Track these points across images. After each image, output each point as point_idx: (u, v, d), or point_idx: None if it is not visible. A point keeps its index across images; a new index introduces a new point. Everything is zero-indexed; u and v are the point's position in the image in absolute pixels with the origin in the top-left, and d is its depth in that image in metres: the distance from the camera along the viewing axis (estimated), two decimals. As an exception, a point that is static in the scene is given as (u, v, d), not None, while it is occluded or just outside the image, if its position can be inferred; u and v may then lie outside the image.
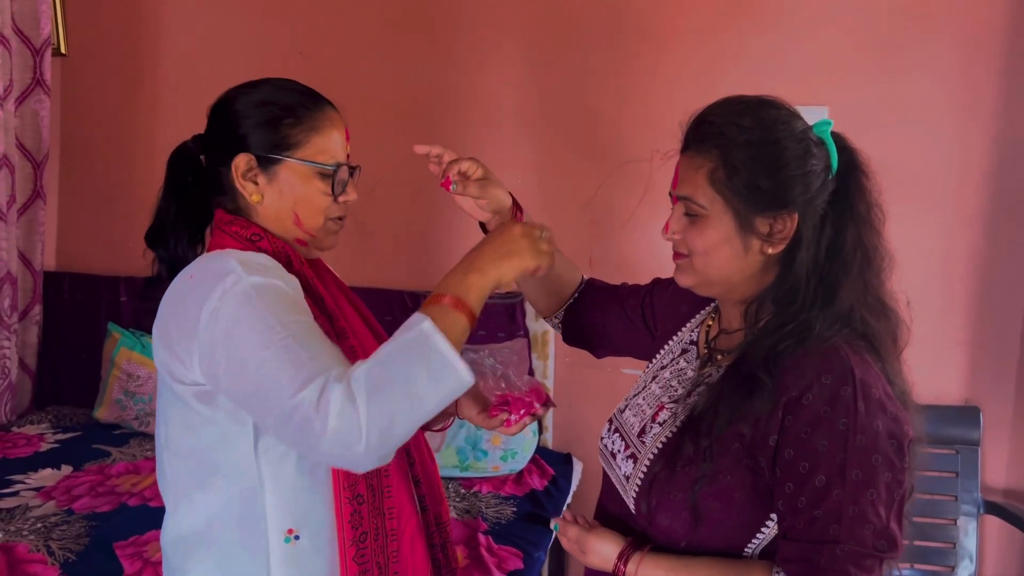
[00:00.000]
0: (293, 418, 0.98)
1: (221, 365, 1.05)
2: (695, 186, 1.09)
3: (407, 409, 0.98)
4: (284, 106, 1.19)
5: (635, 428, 1.21)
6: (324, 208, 1.21)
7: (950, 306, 2.51)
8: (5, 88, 2.74)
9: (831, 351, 1.03)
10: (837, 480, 0.99)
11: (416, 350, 1.00)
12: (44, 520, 2.19)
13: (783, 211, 1.07)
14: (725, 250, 1.09)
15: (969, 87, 2.43)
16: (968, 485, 2.37)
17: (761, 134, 1.06)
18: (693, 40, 2.58)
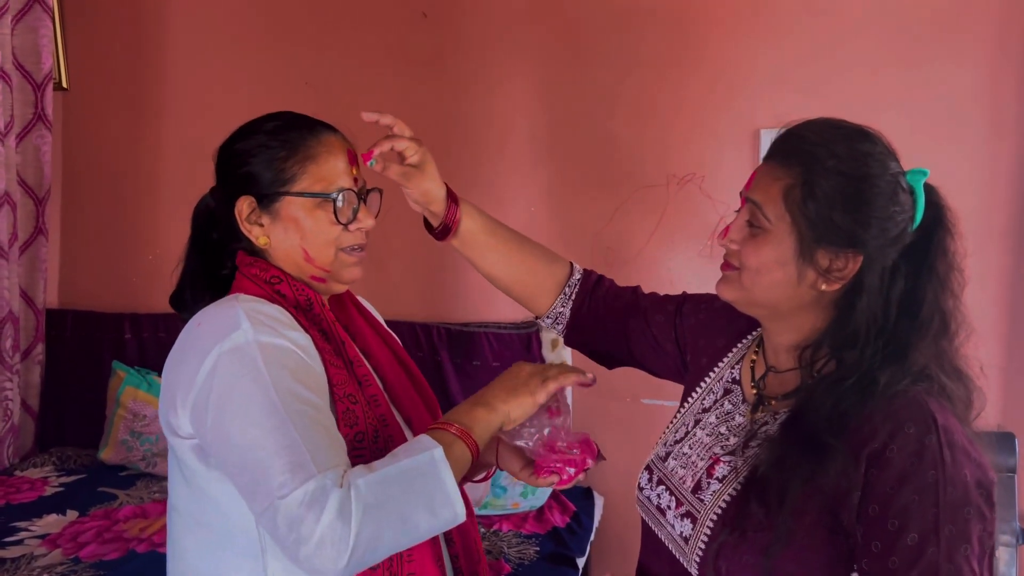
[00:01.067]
0: (279, 514, 0.94)
1: (209, 430, 1.01)
2: (768, 197, 1.05)
3: (397, 534, 0.97)
4: (279, 139, 1.15)
5: (687, 483, 1.14)
6: (333, 239, 1.16)
7: (982, 329, 2.42)
8: (6, 124, 2.72)
9: (909, 398, 0.98)
10: (931, 537, 0.93)
11: (421, 479, 0.99)
12: (51, 570, 2.12)
13: (849, 250, 1.02)
14: (778, 273, 1.05)
15: (996, 104, 2.39)
16: (1005, 515, 2.29)
17: (852, 166, 1.02)
18: (708, 64, 2.55)
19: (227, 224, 1.18)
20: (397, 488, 0.97)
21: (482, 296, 2.78)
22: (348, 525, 0.92)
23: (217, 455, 1.03)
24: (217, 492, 1.07)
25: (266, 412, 0.98)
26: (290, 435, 0.96)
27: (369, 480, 0.96)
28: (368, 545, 0.94)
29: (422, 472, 0.98)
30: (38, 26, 2.81)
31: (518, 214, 2.71)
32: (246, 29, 2.90)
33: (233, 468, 1.00)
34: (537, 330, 2.68)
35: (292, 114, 1.20)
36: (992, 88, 2.39)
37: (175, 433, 1.07)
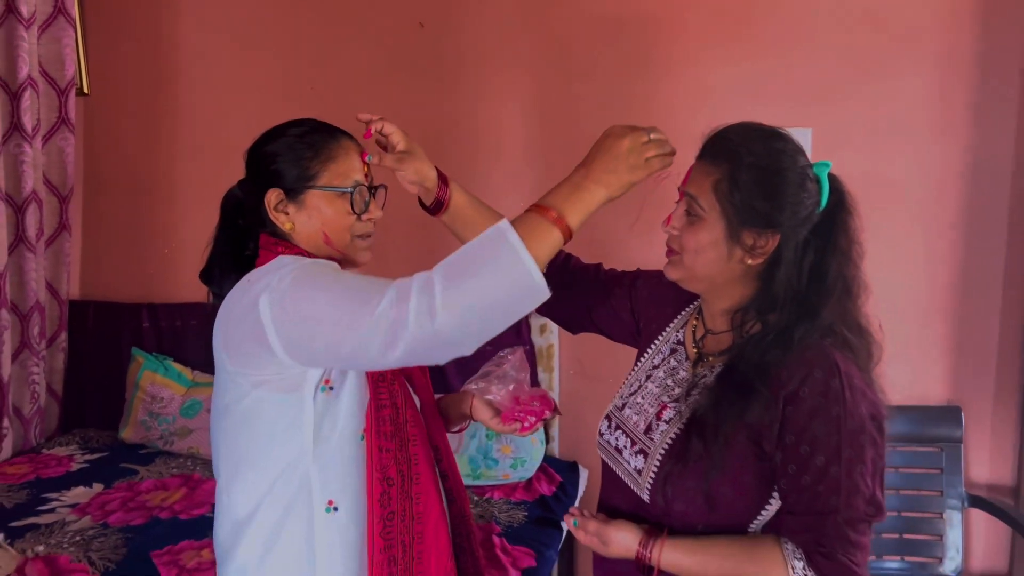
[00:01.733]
0: (374, 327, 1.10)
1: (290, 330, 1.18)
2: (700, 190, 1.25)
3: (479, 296, 1.08)
4: (304, 143, 1.36)
5: (640, 426, 1.35)
6: (349, 226, 1.36)
7: (934, 312, 2.66)
8: (33, 127, 2.88)
9: (817, 349, 1.19)
10: (834, 459, 1.15)
11: (489, 245, 1.10)
12: (82, 533, 2.31)
13: (768, 230, 1.23)
14: (711, 252, 1.25)
15: (945, 103, 2.60)
16: (953, 481, 2.51)
17: (767, 161, 1.22)
18: (688, 70, 2.74)
19: (254, 212, 1.38)
20: (465, 256, 1.11)
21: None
22: (432, 295, 1.07)
23: (299, 346, 1.19)
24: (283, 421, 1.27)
25: (329, 282, 1.18)
26: (359, 281, 1.16)
27: (443, 263, 1.12)
28: (454, 306, 1.07)
29: (489, 240, 1.11)
30: (62, 36, 2.96)
31: (509, 210, 2.89)
32: (255, 39, 3.06)
33: (318, 334, 1.16)
34: (526, 317, 2.88)
35: (315, 121, 1.40)
36: (941, 93, 2.59)
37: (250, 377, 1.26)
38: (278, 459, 1.28)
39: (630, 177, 1.20)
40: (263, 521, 1.30)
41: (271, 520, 1.29)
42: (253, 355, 1.24)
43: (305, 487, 1.27)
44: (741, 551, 1.21)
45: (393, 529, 1.30)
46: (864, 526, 1.16)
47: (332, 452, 1.28)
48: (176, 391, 3.02)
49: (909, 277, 2.66)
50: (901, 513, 2.53)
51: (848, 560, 1.14)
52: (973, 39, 2.56)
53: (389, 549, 1.29)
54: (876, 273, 2.62)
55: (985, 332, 2.63)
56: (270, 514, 1.29)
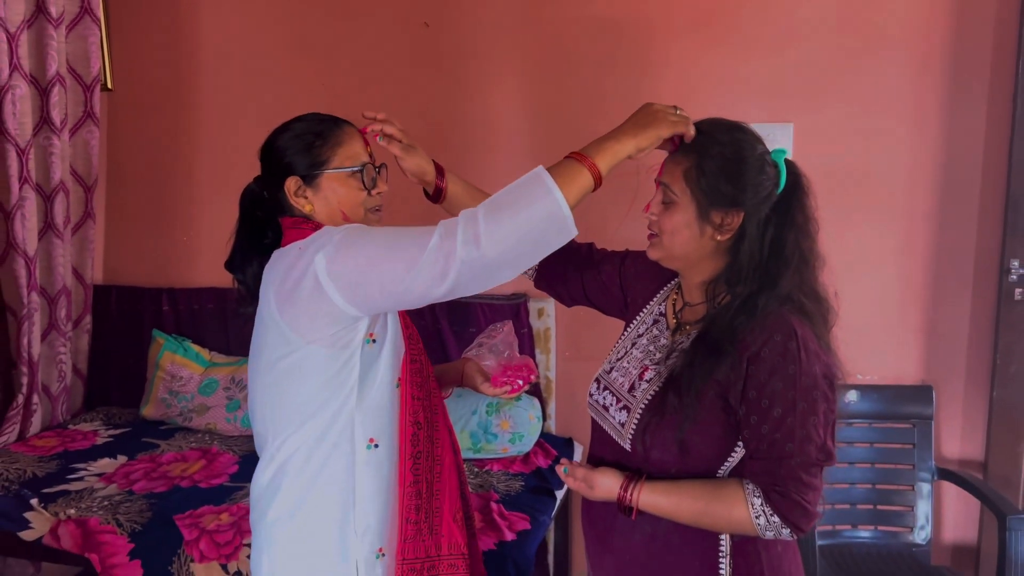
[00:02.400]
0: (432, 257, 1.27)
1: (350, 279, 1.34)
2: (673, 178, 1.41)
3: (516, 225, 1.26)
4: (312, 133, 1.51)
5: (624, 385, 1.50)
6: (362, 201, 1.51)
7: (908, 297, 2.79)
8: (61, 121, 3.00)
9: (778, 315, 1.35)
10: (790, 411, 1.31)
11: (526, 184, 1.29)
12: (110, 499, 2.46)
13: (733, 209, 1.39)
14: (685, 232, 1.41)
15: (918, 100, 2.73)
16: (924, 456, 2.65)
17: (731, 151, 1.38)
18: (679, 66, 2.87)
19: (273, 202, 1.54)
20: (507, 194, 1.29)
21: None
22: (476, 226, 1.25)
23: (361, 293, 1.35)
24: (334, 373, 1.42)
25: (377, 233, 1.36)
26: (404, 230, 1.33)
27: (484, 203, 1.29)
28: (495, 234, 1.24)
29: (527, 181, 1.29)
30: (88, 34, 3.08)
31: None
32: (271, 39, 3.18)
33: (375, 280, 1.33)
34: (524, 301, 3.03)
35: (316, 113, 1.56)
36: (915, 89, 2.72)
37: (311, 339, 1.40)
38: (327, 405, 1.44)
39: (657, 131, 1.36)
40: (308, 461, 1.46)
41: (317, 460, 1.45)
42: (313, 314, 1.38)
43: (349, 427, 1.45)
44: (709, 491, 1.37)
45: (421, 467, 1.49)
46: (816, 470, 1.33)
47: (374, 397, 1.46)
48: (194, 371, 3.18)
49: (886, 264, 2.79)
50: (875, 486, 2.67)
51: (800, 498, 1.31)
52: (945, 38, 2.69)
53: (416, 483, 1.48)
54: (854, 260, 2.80)
55: (957, 316, 2.76)
56: (317, 454, 1.45)
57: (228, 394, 3.11)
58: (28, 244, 2.92)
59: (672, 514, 1.39)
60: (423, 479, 1.49)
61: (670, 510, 1.39)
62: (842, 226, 2.79)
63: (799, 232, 1.41)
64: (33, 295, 2.96)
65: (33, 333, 2.97)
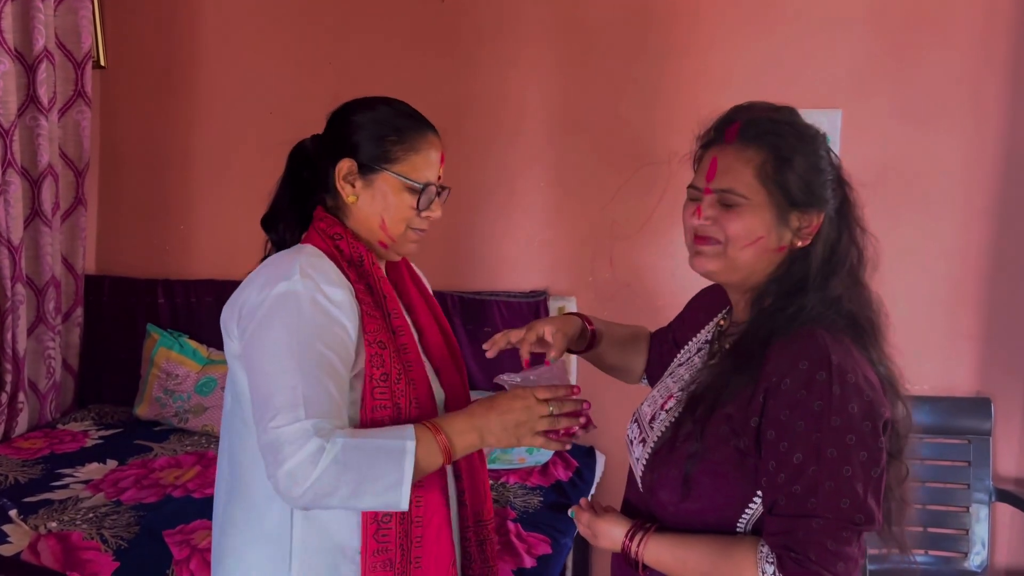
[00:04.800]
0: (266, 438, 1.16)
1: (245, 351, 1.24)
2: (740, 179, 1.17)
3: (347, 495, 1.15)
4: (393, 125, 1.35)
5: (647, 416, 1.31)
6: (408, 219, 1.35)
7: (962, 301, 2.60)
8: (49, 100, 2.86)
9: (810, 338, 1.12)
10: (812, 458, 1.07)
11: (388, 460, 1.16)
12: (95, 510, 2.30)
13: (813, 209, 1.17)
14: (761, 239, 1.18)
15: (978, 87, 2.53)
16: (980, 474, 2.46)
17: (805, 140, 1.18)
18: (713, 47, 2.69)
19: (322, 171, 1.38)
20: (365, 458, 1.15)
21: (494, 266, 2.94)
22: (313, 468, 1.12)
23: (245, 371, 1.26)
24: None
25: (285, 355, 1.19)
26: (295, 379, 1.17)
27: (347, 442, 1.15)
28: (322, 491, 1.13)
29: (391, 454, 1.16)
30: (78, 7, 2.93)
31: (530, 188, 2.86)
32: (274, 12, 3.02)
33: (251, 386, 1.23)
34: (545, 299, 2.84)
35: (407, 106, 1.40)
36: (975, 74, 2.52)
37: (231, 353, 1.30)
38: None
39: (515, 444, 1.25)
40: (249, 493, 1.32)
41: (254, 509, 1.31)
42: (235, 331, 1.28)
43: None
44: (719, 550, 1.15)
45: (390, 533, 1.27)
46: (849, 534, 1.07)
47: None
48: (191, 368, 3.01)
49: (938, 265, 2.60)
50: (927, 506, 2.49)
51: (823, 570, 1.06)
52: (1009, 21, 2.49)
53: (385, 552, 1.26)
54: (901, 259, 2.60)
55: (1016, 322, 2.57)
56: (253, 500, 1.30)
57: (226, 394, 2.93)
58: (12, 232, 2.78)
59: (676, 573, 1.18)
60: (395, 546, 1.27)
61: (675, 568, 1.17)
62: (890, 222, 2.60)
63: (854, 228, 1.21)
64: (18, 286, 2.82)
65: (18, 327, 2.83)
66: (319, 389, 1.18)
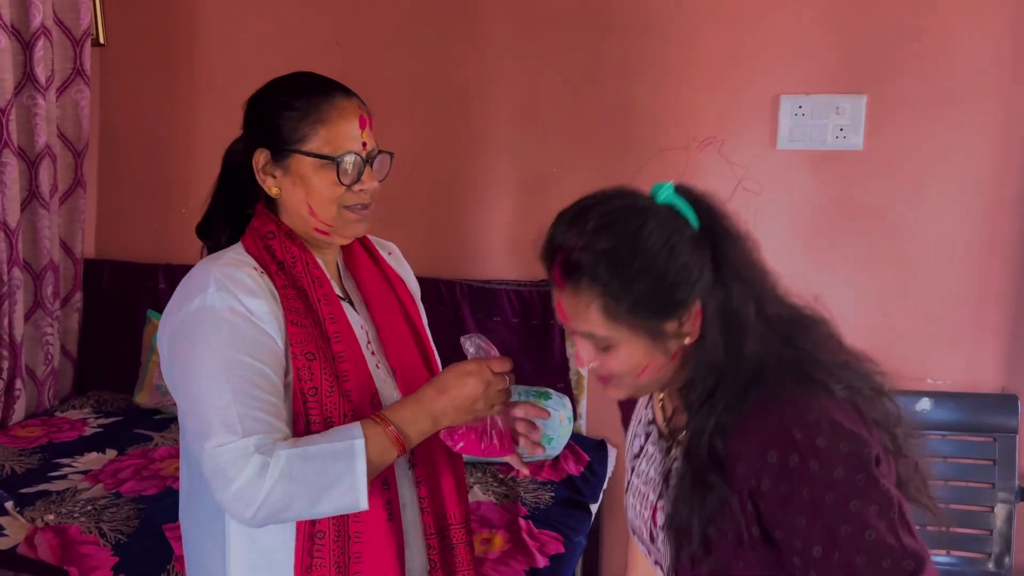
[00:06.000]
0: (208, 461, 1.10)
1: (168, 376, 1.20)
2: (591, 323, 1.05)
3: (304, 506, 1.11)
4: (290, 101, 1.24)
5: (644, 534, 1.21)
6: (336, 197, 1.24)
7: (990, 294, 2.51)
8: (47, 79, 2.78)
9: (762, 422, 1.03)
10: (831, 545, 0.99)
11: (335, 463, 1.10)
12: (94, 503, 2.24)
13: (683, 309, 1.05)
14: (648, 364, 1.08)
15: (1009, 72, 2.43)
16: (1005, 473, 2.39)
17: (625, 252, 1.02)
18: (729, 27, 2.58)
19: (250, 169, 1.28)
20: (313, 467, 1.10)
21: (503, 254, 2.86)
22: (260, 487, 1.07)
23: (174, 396, 1.20)
24: None
25: (211, 374, 1.13)
26: (226, 398, 1.11)
27: (291, 454, 1.09)
28: (275, 507, 1.09)
29: (339, 457, 1.10)
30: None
31: (540, 173, 2.78)
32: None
33: (181, 412, 1.19)
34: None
35: (312, 76, 1.29)
36: (1006, 59, 2.42)
37: None
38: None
39: (472, 416, 1.20)
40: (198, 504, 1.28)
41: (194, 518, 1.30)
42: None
43: None
44: None
45: (324, 550, 1.20)
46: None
47: None
48: (193, 356, 2.94)
49: (965, 257, 2.51)
50: (949, 505, 2.41)
51: None
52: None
53: (320, 568, 1.20)
54: (929, 251, 2.51)
55: (1046, 317, 2.48)
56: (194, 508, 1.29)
57: (228, 383, 2.86)
58: (9, 214, 2.70)
59: None
60: (329, 561, 1.20)
61: None
62: (915, 212, 2.52)
63: (740, 275, 1.07)
64: (15, 270, 2.74)
65: (15, 312, 2.76)
66: (252, 404, 1.12)
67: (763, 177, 2.60)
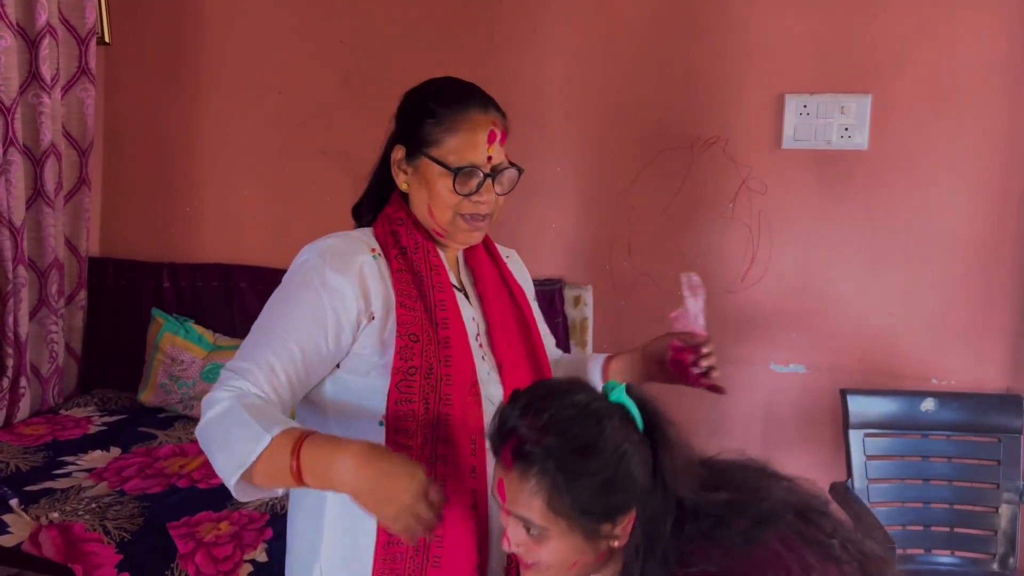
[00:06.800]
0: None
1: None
2: (532, 511, 1.07)
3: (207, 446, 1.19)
4: (430, 105, 1.30)
5: None
6: (452, 205, 1.29)
7: (995, 293, 2.51)
8: (52, 77, 2.77)
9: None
10: None
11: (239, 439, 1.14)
12: (98, 501, 2.24)
13: (619, 515, 1.07)
14: (577, 558, 1.09)
15: (1015, 71, 2.42)
16: (1010, 473, 2.37)
17: (578, 455, 1.05)
18: (734, 27, 2.58)
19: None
20: (226, 427, 1.16)
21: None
22: (205, 412, 1.18)
23: None
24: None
25: (269, 311, 1.27)
26: (256, 338, 1.24)
27: (231, 405, 1.16)
28: (199, 434, 1.19)
29: (245, 438, 1.13)
30: None
31: (546, 172, 2.77)
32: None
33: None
34: (560, 288, 2.76)
35: (458, 86, 1.34)
36: (1011, 57, 2.41)
37: None
38: (307, 411, 1.32)
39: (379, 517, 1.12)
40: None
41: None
42: None
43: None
44: None
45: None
46: None
47: (352, 429, 1.24)
48: (197, 354, 2.94)
49: (970, 255, 2.50)
50: (953, 506, 2.41)
51: None
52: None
53: (400, 542, 1.22)
54: (934, 250, 2.51)
55: (1050, 317, 2.47)
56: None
57: (233, 381, 2.86)
58: (14, 213, 2.70)
59: None
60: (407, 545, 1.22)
61: None
62: (919, 211, 2.52)
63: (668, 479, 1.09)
64: (20, 268, 2.74)
65: (20, 310, 2.76)
66: (260, 353, 1.21)
67: (768, 177, 2.60)
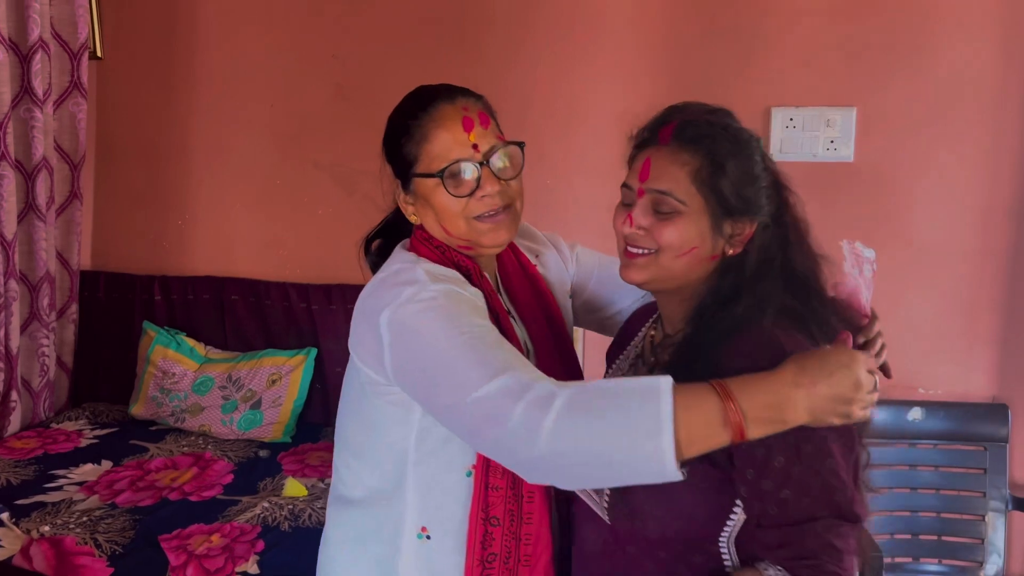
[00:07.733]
0: (471, 406, 0.99)
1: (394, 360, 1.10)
2: (675, 181, 1.12)
3: (594, 444, 0.95)
4: (400, 123, 1.22)
5: None
6: (460, 211, 1.18)
7: (981, 303, 2.54)
8: (44, 91, 2.78)
9: (760, 336, 1.07)
10: (793, 459, 1.03)
11: (636, 400, 0.95)
12: (89, 514, 2.24)
13: (746, 217, 1.13)
14: (695, 249, 1.13)
15: (998, 83, 2.46)
16: (996, 482, 2.40)
17: (741, 146, 1.14)
18: (721, 40, 2.61)
19: None
20: (608, 401, 0.96)
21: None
22: (545, 414, 0.94)
23: (405, 382, 1.11)
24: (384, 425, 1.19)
25: (450, 334, 1.05)
26: (478, 349, 1.03)
27: (582, 386, 0.98)
28: (559, 447, 0.94)
29: (640, 395, 0.95)
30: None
31: (539, 187, 2.78)
32: (275, 1, 2.94)
33: (425, 399, 1.08)
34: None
35: (419, 91, 1.24)
36: (995, 69, 2.45)
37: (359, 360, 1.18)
38: (382, 455, 1.20)
39: (836, 420, 1.00)
40: (356, 516, 1.25)
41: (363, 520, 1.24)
42: (369, 355, 1.14)
43: (398, 502, 1.19)
44: None
45: (494, 572, 1.18)
46: (847, 527, 1.03)
47: (432, 476, 1.18)
48: (188, 367, 2.95)
49: (956, 266, 2.54)
50: (941, 514, 2.43)
51: (840, 570, 1.01)
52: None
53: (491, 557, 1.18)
54: (918, 258, 2.53)
55: (1036, 327, 2.50)
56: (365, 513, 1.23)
57: (224, 394, 2.86)
58: (6, 227, 2.70)
59: None
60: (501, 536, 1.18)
61: None
62: (907, 221, 2.54)
63: (791, 234, 1.17)
64: (11, 282, 2.74)
65: (11, 324, 2.76)
66: (505, 349, 1.04)
67: (755, 189, 2.62)
